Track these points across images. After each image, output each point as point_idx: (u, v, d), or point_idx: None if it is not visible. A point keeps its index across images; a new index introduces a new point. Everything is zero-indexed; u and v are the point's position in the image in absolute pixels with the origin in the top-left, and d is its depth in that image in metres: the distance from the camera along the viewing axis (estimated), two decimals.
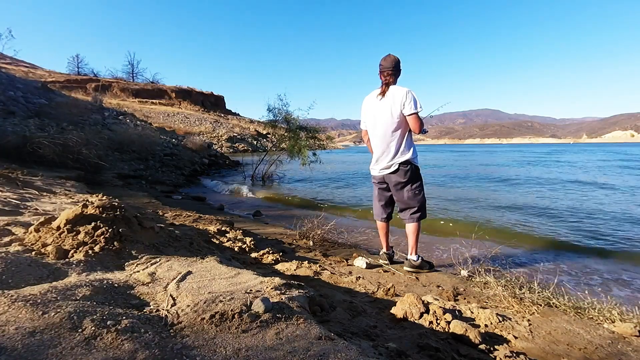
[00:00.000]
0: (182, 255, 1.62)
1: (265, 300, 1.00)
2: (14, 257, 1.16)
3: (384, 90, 2.31)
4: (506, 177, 10.38)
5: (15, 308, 0.81)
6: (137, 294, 1.10)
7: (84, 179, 4.97)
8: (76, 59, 46.91)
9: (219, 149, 20.96)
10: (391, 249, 2.72)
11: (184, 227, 2.73)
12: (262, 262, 2.26)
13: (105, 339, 0.74)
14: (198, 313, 0.93)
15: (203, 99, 50.40)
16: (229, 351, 0.78)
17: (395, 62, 2.30)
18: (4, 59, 31.82)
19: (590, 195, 6.77)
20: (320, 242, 3.30)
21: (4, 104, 7.50)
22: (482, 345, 1.27)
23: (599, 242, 3.60)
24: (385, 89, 2.31)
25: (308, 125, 10.04)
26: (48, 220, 1.55)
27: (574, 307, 1.73)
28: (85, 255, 1.31)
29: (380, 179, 2.48)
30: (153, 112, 32.68)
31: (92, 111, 11.26)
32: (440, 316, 1.41)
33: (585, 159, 21.37)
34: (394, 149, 2.32)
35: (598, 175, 10.92)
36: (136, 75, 51.78)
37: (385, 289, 1.87)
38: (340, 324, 1.24)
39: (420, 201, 2.39)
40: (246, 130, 35.96)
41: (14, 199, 2.59)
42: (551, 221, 4.55)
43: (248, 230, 3.38)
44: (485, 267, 2.28)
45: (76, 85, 34.69)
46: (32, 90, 10.05)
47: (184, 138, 14.19)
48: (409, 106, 2.20)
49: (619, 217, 4.69)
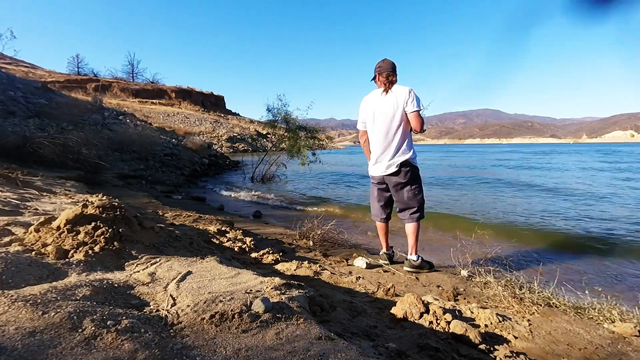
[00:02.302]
0: (182, 255, 1.62)
1: (265, 300, 1.00)
2: (14, 257, 1.16)
3: (387, 88, 2.32)
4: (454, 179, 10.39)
5: (15, 308, 0.81)
6: (137, 294, 1.10)
7: (84, 179, 4.96)
8: (76, 59, 46.91)
9: (219, 149, 20.96)
10: (391, 249, 2.72)
11: (184, 227, 2.73)
12: (262, 262, 2.26)
13: (105, 339, 0.74)
14: (198, 313, 0.93)
15: (203, 99, 50.39)
16: (229, 351, 0.78)
17: (393, 64, 2.34)
18: (4, 59, 31.80)
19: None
20: (320, 242, 3.30)
21: (4, 104, 7.49)
22: (482, 345, 1.27)
23: (598, 242, 3.61)
24: (389, 86, 2.32)
25: (308, 125, 10.05)
26: (48, 220, 1.55)
27: (574, 307, 1.73)
28: (85, 255, 1.31)
29: (379, 180, 2.48)
30: (153, 112, 32.67)
31: (92, 111, 11.26)
32: (440, 316, 1.41)
33: (572, 159, 21.34)
34: (395, 147, 2.32)
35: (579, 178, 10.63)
36: (136, 75, 51.78)
37: (385, 289, 1.87)
38: (340, 324, 1.24)
39: (419, 201, 2.39)
40: (246, 130, 35.95)
41: (14, 199, 2.59)
42: (551, 221, 4.55)
43: (248, 230, 3.38)
44: (485, 267, 2.28)
45: (76, 85, 34.68)
46: (32, 90, 10.05)
47: (184, 138, 14.18)
48: (411, 104, 2.22)
49: (620, 218, 4.70)
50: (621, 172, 12.28)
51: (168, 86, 48.78)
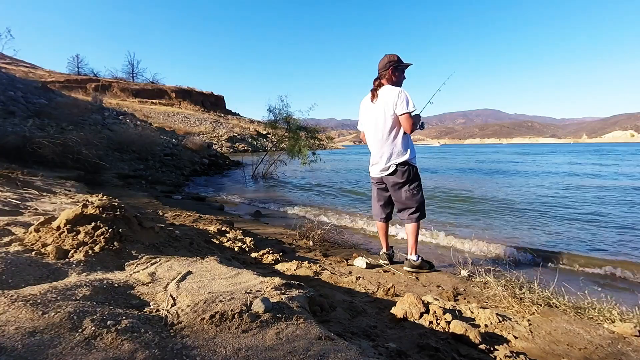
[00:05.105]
0: (182, 255, 1.62)
1: (265, 300, 1.00)
2: (14, 257, 1.16)
3: (373, 94, 2.35)
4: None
5: (15, 308, 0.81)
6: (137, 294, 1.10)
7: (84, 179, 4.96)
8: (76, 59, 46.95)
9: (219, 149, 20.97)
10: (391, 248, 2.72)
11: (184, 227, 2.73)
12: (262, 262, 2.26)
13: (105, 339, 0.74)
14: (198, 313, 0.93)
15: (203, 99, 50.40)
16: (229, 351, 0.78)
17: (387, 60, 2.33)
18: (4, 59, 31.81)
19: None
20: (320, 242, 3.30)
21: (4, 104, 7.49)
22: (482, 345, 1.27)
23: (598, 242, 3.61)
24: (375, 92, 2.34)
25: (308, 125, 10.07)
26: (48, 220, 1.55)
27: (574, 307, 1.73)
28: (85, 255, 1.31)
29: (378, 180, 2.48)
30: (153, 112, 32.68)
31: (92, 111, 11.25)
32: (440, 316, 1.41)
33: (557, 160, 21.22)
34: (390, 150, 2.32)
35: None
36: (136, 75, 51.80)
37: (385, 289, 1.87)
38: (340, 324, 1.24)
39: (418, 201, 2.38)
40: (246, 130, 35.97)
41: (14, 199, 2.59)
42: (552, 220, 4.55)
43: (248, 230, 3.38)
44: (485, 267, 2.28)
45: (76, 85, 34.70)
46: (32, 90, 10.05)
47: (184, 138, 14.19)
48: (400, 106, 2.21)
49: (618, 222, 4.70)
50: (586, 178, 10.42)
51: (168, 86, 48.80)
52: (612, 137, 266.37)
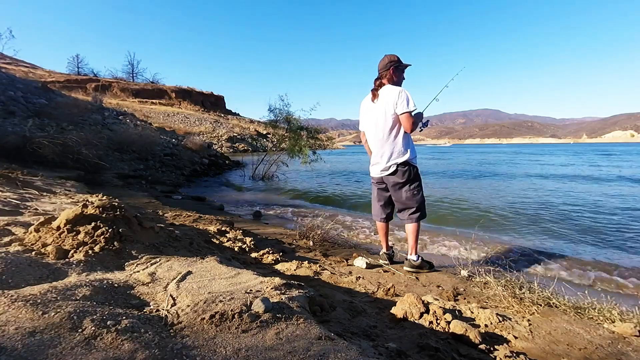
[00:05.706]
0: (182, 255, 1.62)
1: (265, 300, 1.00)
2: (14, 257, 1.16)
3: (374, 94, 2.36)
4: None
5: (15, 308, 0.81)
6: (137, 294, 1.10)
7: (84, 179, 4.96)
8: (76, 59, 46.96)
9: (219, 149, 20.96)
10: (391, 249, 2.72)
11: (184, 227, 2.73)
12: (262, 262, 2.25)
13: (105, 339, 0.74)
14: (198, 313, 0.93)
15: (203, 99, 50.41)
16: (229, 351, 0.78)
17: (388, 60, 2.34)
18: (4, 59, 31.81)
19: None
20: (320, 242, 3.30)
21: (4, 104, 7.49)
22: (482, 345, 1.27)
23: (598, 242, 3.61)
24: (376, 92, 2.35)
25: (309, 125, 10.07)
26: (48, 220, 1.55)
27: (574, 307, 1.73)
28: (85, 255, 1.31)
29: (378, 180, 2.48)
30: (153, 112, 32.68)
31: (92, 111, 11.24)
32: (440, 316, 1.41)
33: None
34: (391, 150, 2.33)
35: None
36: (136, 75, 51.82)
37: (385, 289, 1.87)
38: (340, 324, 1.24)
39: (418, 201, 2.38)
40: (246, 130, 35.96)
41: (14, 199, 2.58)
42: (552, 220, 4.55)
43: (248, 230, 3.38)
44: (485, 267, 2.28)
45: (76, 85, 34.71)
46: (32, 90, 10.04)
47: (184, 138, 14.17)
48: (401, 105, 2.22)
49: (621, 216, 4.70)
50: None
51: (168, 86, 48.80)
52: (612, 137, 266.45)
